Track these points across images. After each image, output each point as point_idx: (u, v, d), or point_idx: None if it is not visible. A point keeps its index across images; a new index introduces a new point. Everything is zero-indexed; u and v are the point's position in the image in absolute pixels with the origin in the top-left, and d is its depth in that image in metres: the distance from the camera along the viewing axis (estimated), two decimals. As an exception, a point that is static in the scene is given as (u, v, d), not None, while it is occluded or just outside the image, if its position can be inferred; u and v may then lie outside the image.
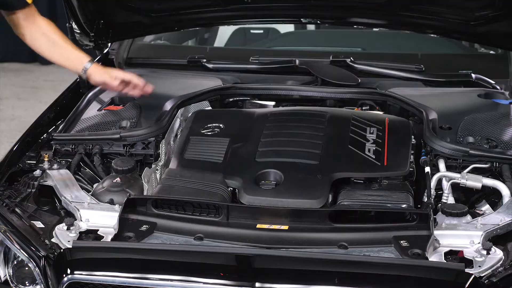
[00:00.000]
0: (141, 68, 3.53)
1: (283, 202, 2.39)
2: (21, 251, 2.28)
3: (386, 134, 2.73)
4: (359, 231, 2.29)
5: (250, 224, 2.30)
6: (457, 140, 2.74)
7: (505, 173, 2.59)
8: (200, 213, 2.36)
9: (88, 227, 2.37)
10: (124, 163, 2.66)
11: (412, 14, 3.21)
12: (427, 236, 2.21)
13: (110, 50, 3.59)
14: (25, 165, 2.73)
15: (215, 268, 2.15)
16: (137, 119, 2.93)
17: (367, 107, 3.11)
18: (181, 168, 2.61)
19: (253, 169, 2.54)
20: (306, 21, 3.64)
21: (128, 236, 2.27)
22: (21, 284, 2.34)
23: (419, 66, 3.35)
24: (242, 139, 2.73)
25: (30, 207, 2.51)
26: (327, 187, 2.45)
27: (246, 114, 2.98)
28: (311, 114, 2.88)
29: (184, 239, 2.27)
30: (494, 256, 2.18)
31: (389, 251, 2.19)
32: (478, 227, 2.29)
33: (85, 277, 2.18)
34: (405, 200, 2.43)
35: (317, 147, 2.64)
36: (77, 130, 2.94)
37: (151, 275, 2.14)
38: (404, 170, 2.55)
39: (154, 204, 2.37)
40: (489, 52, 3.85)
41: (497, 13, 3.02)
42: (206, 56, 3.51)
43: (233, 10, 3.31)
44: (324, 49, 3.86)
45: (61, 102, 3.18)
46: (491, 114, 2.95)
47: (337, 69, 3.34)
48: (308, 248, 2.21)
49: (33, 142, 2.87)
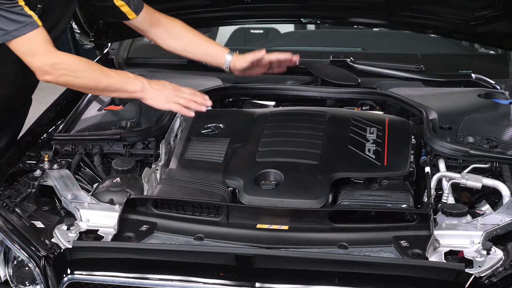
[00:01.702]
0: (141, 68, 3.54)
1: (283, 202, 2.39)
2: (21, 251, 2.28)
3: (386, 134, 2.73)
4: (359, 231, 2.29)
5: (250, 224, 2.30)
6: (457, 140, 2.74)
7: (505, 173, 2.59)
8: (200, 213, 2.36)
9: (88, 227, 2.38)
10: (124, 163, 2.66)
11: (412, 14, 3.21)
12: (427, 236, 2.21)
13: (110, 50, 3.60)
14: (25, 165, 2.74)
15: (215, 268, 2.15)
16: (137, 119, 2.93)
17: (367, 107, 3.11)
18: (181, 168, 2.61)
19: (253, 169, 2.54)
20: (306, 21, 3.64)
21: (128, 236, 2.27)
22: (21, 284, 2.34)
23: (419, 66, 3.35)
24: (242, 139, 2.73)
25: (30, 207, 2.51)
26: (327, 187, 2.45)
27: (246, 114, 2.98)
28: (311, 114, 2.88)
29: (184, 239, 2.27)
30: (494, 256, 2.18)
31: (389, 251, 2.19)
32: (478, 227, 2.29)
33: (85, 277, 2.18)
34: (405, 200, 2.43)
35: (317, 147, 2.64)
36: (77, 130, 2.94)
37: (151, 275, 2.14)
38: (404, 170, 2.55)
39: (154, 204, 2.37)
40: (489, 52, 3.85)
41: (497, 13, 3.02)
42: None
43: (233, 10, 3.31)
44: (324, 49, 3.86)
45: (61, 102, 3.18)
46: (491, 114, 2.95)
47: (337, 69, 3.34)
48: (308, 248, 2.21)
49: (33, 142, 2.88)
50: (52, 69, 2.52)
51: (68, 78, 2.55)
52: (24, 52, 2.51)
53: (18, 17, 2.45)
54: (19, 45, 2.49)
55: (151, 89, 2.62)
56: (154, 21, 2.94)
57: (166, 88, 2.65)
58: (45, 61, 2.51)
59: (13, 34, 2.46)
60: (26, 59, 2.52)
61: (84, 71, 2.57)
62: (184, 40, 2.96)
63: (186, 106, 2.63)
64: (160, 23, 2.95)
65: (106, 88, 2.61)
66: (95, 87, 2.62)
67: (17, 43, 2.49)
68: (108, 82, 2.59)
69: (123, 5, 2.86)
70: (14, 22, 2.45)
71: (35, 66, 2.52)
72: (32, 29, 2.48)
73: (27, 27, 2.47)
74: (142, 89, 2.61)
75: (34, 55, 2.50)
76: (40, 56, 2.51)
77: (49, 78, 2.53)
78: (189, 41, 2.97)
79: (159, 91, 2.62)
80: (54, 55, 2.53)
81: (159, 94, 2.62)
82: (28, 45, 2.49)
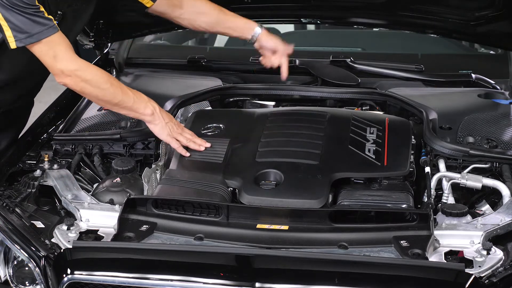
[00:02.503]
0: (141, 68, 3.54)
1: (283, 202, 2.39)
2: (21, 251, 2.28)
3: (386, 134, 2.73)
4: (359, 231, 2.29)
5: (250, 224, 2.30)
6: (457, 140, 2.74)
7: (505, 173, 2.59)
8: (200, 213, 2.36)
9: (88, 227, 2.38)
10: (124, 163, 2.67)
11: (412, 14, 3.21)
12: (427, 236, 2.21)
13: (110, 50, 3.59)
14: (25, 165, 2.74)
15: (215, 268, 2.15)
16: (137, 119, 2.93)
17: (367, 107, 3.11)
18: (181, 168, 2.61)
19: (253, 169, 2.53)
20: (306, 21, 3.64)
21: (128, 236, 2.27)
22: (21, 284, 2.34)
23: (419, 66, 3.35)
24: (242, 139, 2.73)
25: (30, 207, 2.52)
26: (327, 187, 2.45)
27: (246, 114, 2.98)
28: (311, 114, 2.88)
29: (184, 239, 2.27)
30: (494, 256, 2.18)
31: (389, 251, 2.19)
32: (478, 227, 2.29)
33: (85, 277, 2.18)
34: (405, 200, 2.43)
35: (317, 147, 2.63)
36: (77, 130, 2.95)
37: (151, 275, 2.14)
38: (404, 170, 2.55)
39: (154, 204, 2.37)
40: (489, 52, 3.84)
41: (497, 13, 3.02)
42: (206, 56, 3.51)
43: (233, 10, 3.31)
44: (324, 49, 3.86)
45: (61, 102, 3.18)
46: (491, 114, 2.95)
47: (337, 69, 3.34)
48: (308, 248, 2.21)
49: (33, 142, 2.88)
50: (73, 75, 2.53)
51: (85, 85, 2.56)
52: (47, 55, 2.51)
53: (41, 20, 2.46)
54: (43, 47, 2.49)
55: (160, 118, 2.65)
56: (177, 4, 2.94)
57: (172, 121, 2.69)
58: (68, 66, 2.52)
59: (37, 36, 2.46)
60: (48, 61, 2.52)
61: (103, 83, 2.58)
62: (210, 16, 2.97)
63: (185, 145, 2.66)
64: (183, 4, 2.95)
65: (119, 104, 2.62)
66: (109, 101, 2.63)
67: (41, 46, 2.49)
68: (123, 98, 2.61)
69: None
70: (38, 24, 2.45)
71: (57, 68, 2.52)
72: (54, 32, 2.48)
73: (50, 29, 2.47)
74: (151, 114, 2.64)
75: (57, 59, 2.51)
76: (63, 60, 2.51)
77: (68, 82, 2.55)
78: (217, 16, 2.97)
79: (166, 122, 2.66)
80: (77, 61, 2.54)
81: (165, 125, 2.66)
82: (51, 48, 2.50)
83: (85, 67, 2.57)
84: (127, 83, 3.42)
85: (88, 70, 2.58)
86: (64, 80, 2.54)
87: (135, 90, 2.68)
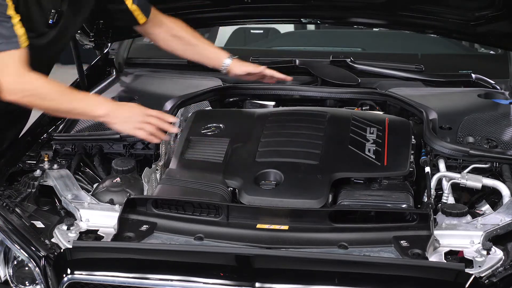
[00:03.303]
0: (141, 68, 3.54)
1: (283, 202, 2.39)
2: (21, 251, 2.28)
3: (386, 134, 2.73)
4: (359, 231, 2.29)
5: (250, 224, 2.30)
6: (457, 140, 2.74)
7: (505, 173, 2.59)
8: (200, 213, 2.36)
9: (88, 227, 2.38)
10: (124, 163, 2.67)
11: (412, 14, 3.21)
12: (427, 236, 2.21)
13: (110, 50, 3.60)
14: (25, 165, 2.74)
15: (215, 268, 2.15)
16: None
17: (367, 107, 3.11)
18: (181, 168, 2.61)
19: (253, 169, 2.53)
20: (306, 21, 3.64)
21: (128, 236, 2.27)
22: (21, 284, 2.34)
23: (419, 66, 3.35)
24: (242, 139, 2.73)
25: (30, 207, 2.52)
26: (327, 187, 2.45)
27: (246, 114, 2.98)
28: (311, 114, 2.88)
29: (184, 239, 2.27)
30: (494, 256, 2.18)
31: (389, 251, 2.19)
32: (478, 227, 2.29)
33: (85, 277, 2.18)
34: (405, 200, 2.43)
35: (317, 147, 2.63)
36: (77, 130, 2.94)
37: (151, 275, 2.14)
38: (404, 170, 2.55)
39: (154, 204, 2.37)
40: (489, 52, 3.85)
41: (497, 13, 3.02)
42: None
43: (233, 10, 3.31)
44: (324, 49, 3.87)
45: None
46: (491, 114, 2.95)
47: (337, 69, 3.34)
48: (308, 248, 2.21)
49: (33, 142, 2.88)
50: (17, 91, 2.49)
51: (31, 99, 2.53)
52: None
53: (5, 32, 2.44)
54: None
55: (117, 115, 2.58)
56: (157, 22, 2.97)
57: (133, 113, 2.61)
58: (12, 82, 2.48)
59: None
60: None
61: (49, 94, 2.53)
62: (184, 41, 2.99)
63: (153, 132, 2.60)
64: (162, 24, 2.97)
65: (69, 111, 2.61)
66: (57, 110, 2.59)
67: None
68: (71, 105, 2.56)
69: (136, 9, 2.89)
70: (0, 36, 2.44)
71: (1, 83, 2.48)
72: (13, 48, 2.45)
73: (9, 45, 2.45)
74: (106, 114, 2.56)
75: (3, 73, 2.47)
76: (10, 75, 2.47)
77: (12, 98, 2.51)
78: (190, 42, 3.00)
79: (126, 117, 2.59)
80: (23, 79, 2.49)
81: (125, 119, 2.59)
82: (2, 61, 2.47)
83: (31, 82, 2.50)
84: (127, 83, 3.43)
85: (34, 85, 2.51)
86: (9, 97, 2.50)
87: (89, 94, 2.65)
